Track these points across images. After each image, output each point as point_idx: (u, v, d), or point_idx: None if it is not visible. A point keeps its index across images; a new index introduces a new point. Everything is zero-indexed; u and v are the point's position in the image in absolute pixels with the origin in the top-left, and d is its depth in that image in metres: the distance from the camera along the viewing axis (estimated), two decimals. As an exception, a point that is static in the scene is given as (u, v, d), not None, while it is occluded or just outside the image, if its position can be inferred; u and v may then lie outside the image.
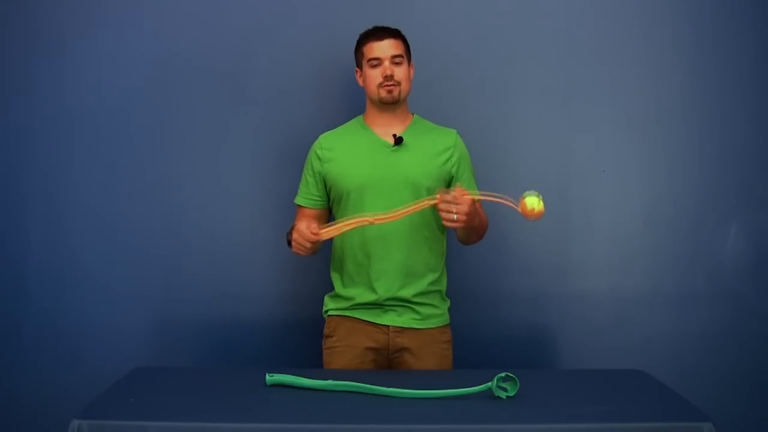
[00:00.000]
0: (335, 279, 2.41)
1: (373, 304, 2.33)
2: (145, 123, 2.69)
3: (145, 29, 2.69)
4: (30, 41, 2.67)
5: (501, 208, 2.17)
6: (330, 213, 2.44)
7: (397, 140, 2.33)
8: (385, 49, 2.32)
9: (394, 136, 2.34)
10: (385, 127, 2.37)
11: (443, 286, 2.42)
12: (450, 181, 2.38)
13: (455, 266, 2.55)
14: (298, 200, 2.44)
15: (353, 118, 2.46)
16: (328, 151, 2.38)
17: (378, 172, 2.32)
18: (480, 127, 2.67)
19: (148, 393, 1.94)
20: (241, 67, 2.69)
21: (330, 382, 1.94)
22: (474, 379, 1.90)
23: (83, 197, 2.69)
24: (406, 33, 2.38)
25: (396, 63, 2.32)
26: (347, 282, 2.37)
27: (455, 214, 2.11)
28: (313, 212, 2.41)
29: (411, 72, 2.39)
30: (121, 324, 2.69)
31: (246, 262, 2.70)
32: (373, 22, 2.40)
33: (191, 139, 2.70)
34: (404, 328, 2.33)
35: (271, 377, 1.99)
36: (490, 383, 1.87)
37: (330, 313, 2.40)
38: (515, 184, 2.62)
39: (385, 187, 2.31)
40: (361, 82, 2.40)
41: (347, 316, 2.36)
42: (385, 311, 2.33)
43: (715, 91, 2.73)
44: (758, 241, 2.74)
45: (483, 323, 2.70)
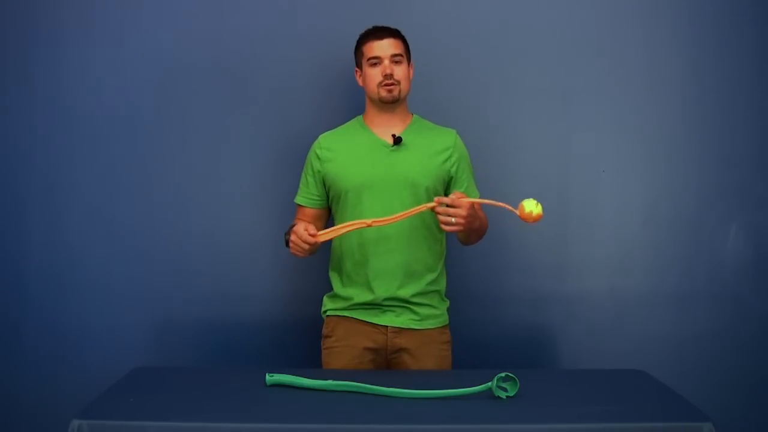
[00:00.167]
0: (334, 279, 2.41)
1: (371, 305, 2.33)
2: (145, 123, 2.69)
3: (145, 30, 2.69)
4: (30, 41, 2.67)
5: (502, 209, 2.16)
6: (330, 212, 2.44)
7: (396, 140, 2.33)
8: (384, 48, 2.32)
9: (394, 136, 2.34)
10: (385, 127, 2.37)
11: (442, 287, 2.42)
12: (449, 181, 2.38)
13: (455, 266, 2.55)
14: (297, 200, 2.44)
15: (353, 118, 2.46)
16: (328, 150, 2.38)
17: (377, 171, 2.32)
18: (480, 127, 2.67)
19: (148, 393, 1.94)
20: (241, 67, 2.69)
21: (330, 382, 1.94)
22: (474, 379, 1.90)
23: (83, 197, 2.69)
24: (405, 33, 2.38)
25: (396, 62, 2.32)
26: (346, 282, 2.37)
27: (453, 218, 2.11)
28: (312, 212, 2.41)
29: (411, 72, 2.39)
30: (121, 324, 2.69)
31: (246, 262, 2.70)
32: (373, 22, 2.40)
33: (191, 139, 2.70)
34: (402, 328, 2.33)
35: (271, 377, 1.99)
36: (490, 383, 1.87)
37: (329, 313, 2.40)
38: (515, 184, 2.64)
39: (384, 187, 2.31)
40: (360, 82, 2.39)
41: (346, 316, 2.36)
42: (384, 311, 2.33)
43: (715, 91, 2.73)
44: (758, 241, 2.74)
45: (483, 323, 2.70)
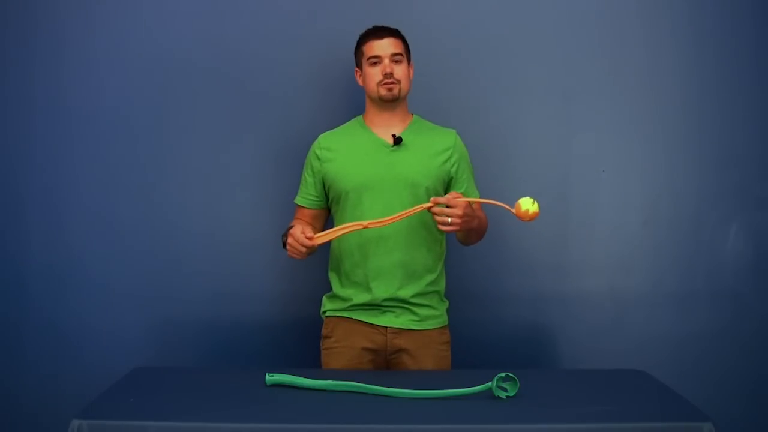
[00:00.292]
0: (333, 279, 2.41)
1: (370, 305, 2.33)
2: (145, 123, 2.69)
3: (145, 30, 2.68)
4: (30, 41, 2.66)
5: (501, 210, 2.16)
6: (329, 213, 2.44)
7: (396, 140, 2.33)
8: (384, 47, 2.32)
9: (394, 136, 2.34)
10: (385, 127, 2.37)
11: (441, 287, 2.41)
12: (449, 181, 2.38)
13: (455, 267, 2.55)
14: (297, 200, 2.44)
15: (353, 118, 2.46)
16: (327, 150, 2.38)
17: (377, 172, 2.32)
18: (480, 127, 2.67)
19: (148, 393, 1.94)
20: (241, 67, 2.69)
21: (330, 382, 1.94)
22: (474, 379, 1.90)
23: (83, 197, 2.69)
24: (405, 33, 2.38)
25: (396, 61, 2.32)
26: (345, 282, 2.36)
27: (449, 218, 2.11)
28: (312, 212, 2.41)
29: (411, 72, 2.39)
30: (121, 324, 2.69)
31: (246, 262, 2.70)
32: (373, 22, 2.40)
33: (191, 139, 2.70)
34: (402, 329, 2.33)
35: (271, 377, 1.98)
36: (490, 383, 1.87)
37: (328, 313, 2.40)
38: (515, 184, 2.64)
39: (383, 187, 2.30)
40: (360, 82, 2.39)
41: (345, 317, 2.35)
42: (383, 312, 2.33)
43: (715, 91, 2.73)
44: (758, 241, 2.74)
45: (483, 323, 2.70)
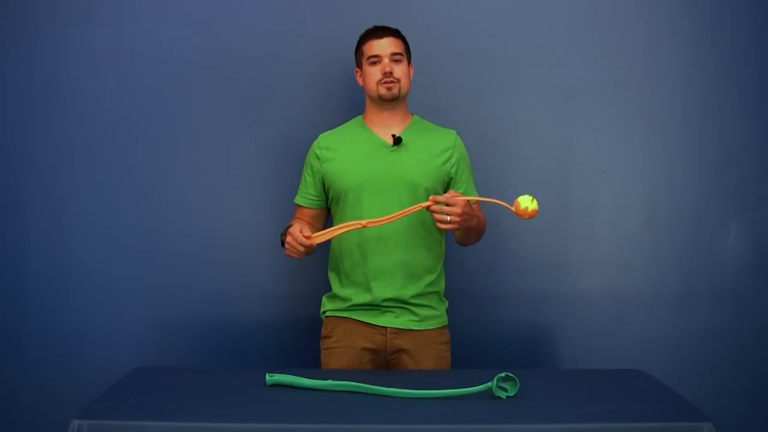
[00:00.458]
0: (333, 279, 2.41)
1: (370, 305, 2.33)
2: (145, 123, 2.69)
3: (145, 30, 2.68)
4: (30, 41, 2.66)
5: (501, 209, 2.16)
6: (329, 213, 2.44)
7: (396, 140, 2.33)
8: (384, 46, 2.32)
9: (393, 136, 2.34)
10: (385, 127, 2.37)
11: (441, 288, 2.41)
12: (449, 181, 2.38)
13: (455, 267, 2.55)
14: (297, 200, 2.44)
15: (353, 118, 2.46)
16: (327, 150, 2.38)
17: (377, 172, 2.32)
18: (480, 127, 2.67)
19: (148, 393, 1.94)
20: (241, 67, 2.69)
21: (330, 382, 1.94)
22: (474, 379, 1.90)
23: (83, 197, 2.69)
24: (405, 33, 2.38)
25: (395, 60, 2.32)
26: (344, 282, 2.36)
27: (448, 216, 2.11)
28: (311, 212, 2.41)
29: (411, 72, 2.38)
30: (121, 324, 2.69)
31: (246, 262, 2.70)
32: (373, 22, 2.40)
33: (191, 139, 2.70)
34: (402, 329, 2.33)
35: (271, 377, 1.98)
36: (490, 383, 1.87)
37: (328, 314, 2.40)
38: (515, 184, 2.64)
39: (383, 187, 2.30)
40: (360, 82, 2.39)
41: (345, 317, 2.35)
42: (383, 312, 2.33)
43: (715, 91, 2.73)
44: (758, 241, 2.74)
45: (483, 323, 2.70)
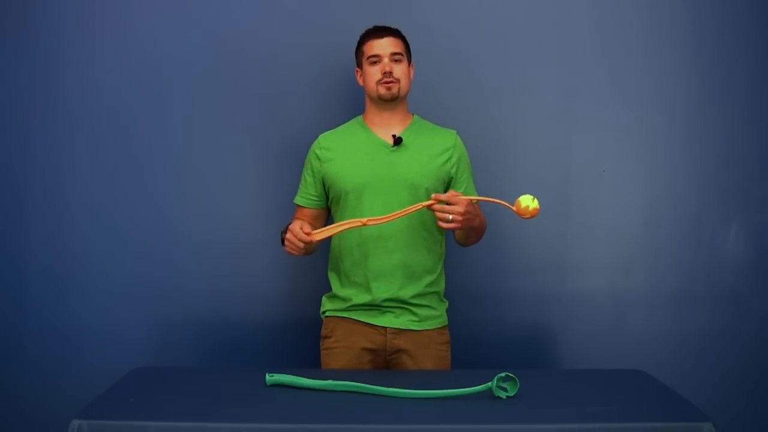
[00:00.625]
0: (333, 279, 2.41)
1: (370, 305, 2.33)
2: (145, 123, 2.69)
3: (145, 30, 2.68)
4: (30, 41, 2.66)
5: (501, 210, 2.17)
6: (329, 213, 2.44)
7: (397, 140, 2.33)
8: (384, 46, 2.32)
9: (394, 136, 2.34)
10: (385, 127, 2.37)
11: (441, 288, 2.41)
12: (449, 182, 2.38)
13: (455, 267, 2.55)
14: (297, 200, 2.43)
15: (353, 118, 2.46)
16: (327, 150, 2.38)
17: (377, 172, 2.32)
18: (480, 127, 2.67)
19: (148, 393, 1.94)
20: (241, 67, 2.69)
21: (330, 382, 1.94)
22: (474, 379, 1.90)
23: (83, 197, 2.69)
24: (406, 33, 2.38)
25: (395, 60, 2.32)
26: (344, 282, 2.36)
27: (450, 215, 2.11)
28: (312, 212, 2.41)
29: (411, 72, 2.38)
30: (121, 324, 2.69)
31: (246, 263, 2.70)
32: (373, 22, 2.40)
33: (191, 139, 2.70)
34: (402, 329, 2.33)
35: (271, 377, 1.98)
36: (490, 383, 1.87)
37: (328, 314, 2.40)
38: (515, 184, 2.64)
39: (383, 188, 2.30)
40: (361, 82, 2.39)
41: (345, 317, 2.35)
42: (383, 312, 2.33)
43: (715, 91, 2.73)
44: (758, 241, 2.74)
45: (483, 323, 2.70)
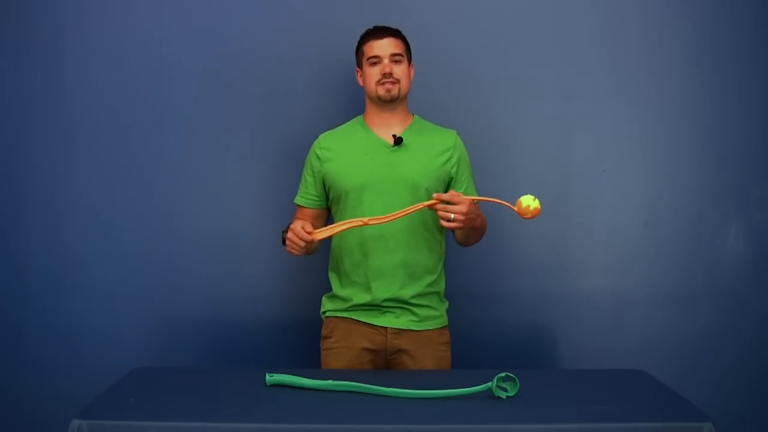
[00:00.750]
0: (333, 279, 2.41)
1: (370, 305, 2.33)
2: (146, 123, 2.69)
3: (145, 30, 2.68)
4: (30, 41, 2.66)
5: (501, 210, 2.17)
6: (329, 213, 2.44)
7: (397, 140, 2.33)
8: (384, 47, 2.32)
9: (394, 136, 2.34)
10: (385, 127, 2.37)
11: (441, 288, 2.41)
12: (449, 182, 2.38)
13: (455, 267, 2.55)
14: (297, 200, 2.43)
15: (353, 118, 2.46)
16: (328, 150, 2.38)
17: (377, 172, 2.32)
18: (480, 127, 2.67)
19: (148, 393, 1.94)
20: (241, 67, 2.69)
21: (330, 382, 1.94)
22: (474, 379, 1.90)
23: (83, 197, 2.69)
24: (406, 33, 2.38)
25: (395, 61, 2.32)
26: (345, 282, 2.36)
27: (452, 215, 2.11)
28: (312, 212, 2.41)
29: (411, 72, 2.38)
30: (121, 324, 2.69)
31: (246, 262, 2.70)
32: (374, 22, 2.40)
33: (191, 139, 2.70)
34: (402, 329, 2.33)
35: (271, 377, 1.98)
36: (490, 383, 1.87)
37: (328, 314, 2.40)
38: (515, 184, 2.64)
39: (384, 188, 2.30)
40: (361, 82, 2.39)
41: (345, 317, 2.35)
42: (383, 313, 2.33)
43: (715, 91, 2.73)
44: (758, 241, 2.74)
45: (483, 323, 2.70)
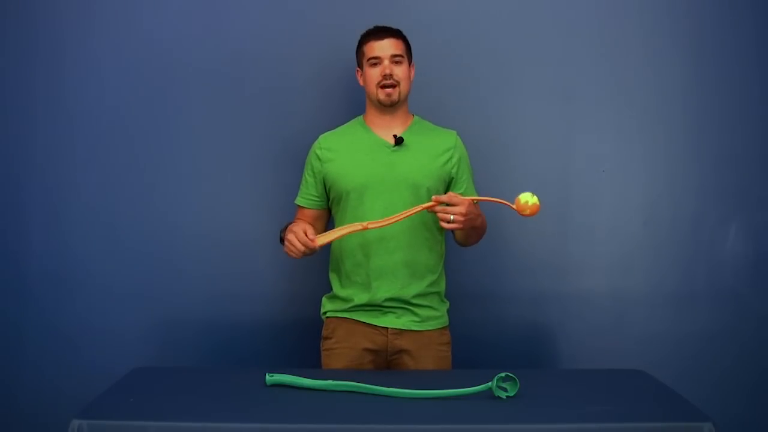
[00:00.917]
0: (333, 279, 2.41)
1: (371, 306, 2.33)
2: (146, 123, 2.69)
3: (145, 30, 2.68)
4: (30, 41, 2.66)
5: (501, 209, 2.17)
6: (330, 213, 2.43)
7: (398, 140, 2.33)
8: (385, 48, 2.31)
9: (395, 136, 2.34)
10: (386, 127, 2.37)
11: (442, 288, 2.41)
12: (450, 182, 2.38)
13: (455, 267, 2.55)
14: (298, 200, 2.43)
15: (353, 118, 2.46)
16: (328, 151, 2.38)
17: (378, 172, 2.32)
18: (480, 127, 2.67)
19: (148, 393, 1.94)
20: (241, 67, 2.69)
21: (330, 382, 1.94)
22: (474, 379, 1.90)
23: (83, 197, 2.69)
24: (406, 33, 2.38)
25: (396, 62, 2.32)
26: (345, 282, 2.36)
27: (452, 216, 2.11)
28: (312, 212, 2.41)
29: (412, 72, 2.38)
30: (121, 324, 2.69)
31: (246, 262, 2.70)
32: (374, 22, 2.39)
33: (191, 139, 2.70)
34: (403, 330, 2.33)
35: (271, 377, 1.98)
36: (490, 383, 1.87)
37: (329, 314, 2.39)
38: (515, 184, 2.62)
39: (385, 188, 2.30)
40: (361, 82, 2.39)
41: (346, 317, 2.35)
42: (384, 313, 2.33)
43: (715, 91, 2.73)
44: (758, 241, 2.74)
45: (483, 323, 2.70)
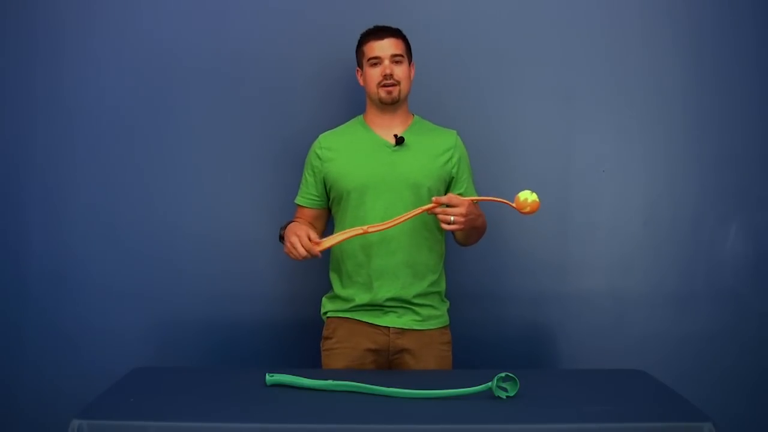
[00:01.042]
0: (334, 279, 2.40)
1: (372, 306, 2.33)
2: (145, 123, 2.69)
3: (145, 30, 2.68)
4: (30, 41, 2.66)
5: (501, 209, 2.17)
6: (329, 213, 2.43)
7: (398, 140, 2.33)
8: (385, 48, 2.31)
9: (396, 136, 2.34)
10: (386, 127, 2.37)
11: (442, 288, 2.41)
12: (450, 182, 2.38)
13: (455, 267, 2.55)
14: (298, 200, 2.43)
15: (353, 117, 2.46)
16: (328, 150, 2.38)
17: (379, 171, 2.32)
18: (480, 127, 2.67)
19: (148, 393, 1.94)
20: (241, 67, 2.69)
21: (330, 382, 1.94)
22: (474, 379, 1.90)
23: (83, 197, 2.69)
24: (406, 32, 2.38)
25: (396, 62, 2.32)
26: (346, 282, 2.36)
27: (452, 217, 2.11)
28: (313, 212, 2.41)
29: (412, 72, 2.38)
30: (121, 324, 2.69)
31: (246, 262, 2.70)
32: (374, 22, 2.39)
33: (191, 139, 2.70)
34: (404, 329, 2.33)
35: (271, 377, 1.98)
36: (490, 383, 1.87)
37: (329, 314, 2.39)
38: (515, 184, 2.62)
39: (386, 188, 2.30)
40: (361, 82, 2.39)
41: (347, 317, 2.35)
42: (386, 313, 2.33)
43: (715, 91, 2.73)
44: (758, 241, 2.74)
45: (483, 323, 2.70)
